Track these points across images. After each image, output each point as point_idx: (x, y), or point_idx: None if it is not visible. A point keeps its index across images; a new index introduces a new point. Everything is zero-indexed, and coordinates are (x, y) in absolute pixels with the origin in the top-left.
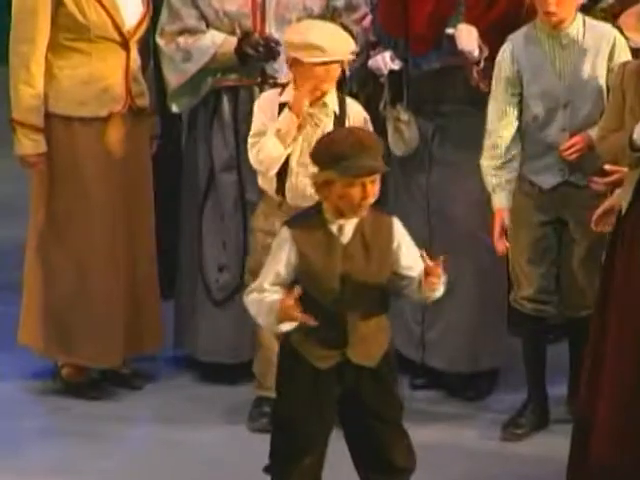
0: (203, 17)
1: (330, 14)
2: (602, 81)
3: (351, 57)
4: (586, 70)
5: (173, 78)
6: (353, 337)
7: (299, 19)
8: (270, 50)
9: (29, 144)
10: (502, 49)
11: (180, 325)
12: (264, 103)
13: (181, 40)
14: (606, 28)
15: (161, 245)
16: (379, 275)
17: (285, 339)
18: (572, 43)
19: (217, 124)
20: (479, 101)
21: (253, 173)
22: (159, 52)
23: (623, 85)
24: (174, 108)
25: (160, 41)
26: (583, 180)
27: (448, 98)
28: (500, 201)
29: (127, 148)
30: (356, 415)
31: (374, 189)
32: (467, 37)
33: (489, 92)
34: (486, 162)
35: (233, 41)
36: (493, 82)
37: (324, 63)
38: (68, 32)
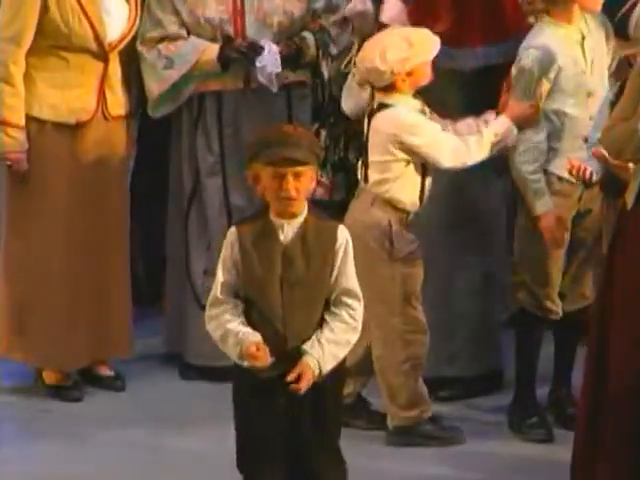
0: (184, 24)
1: (310, 16)
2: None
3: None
4: (602, 57)
5: (155, 86)
6: (293, 345)
7: (280, 23)
8: (254, 51)
9: (9, 141)
10: (529, 56)
11: (168, 328)
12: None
13: (162, 47)
14: (601, 16)
15: (149, 249)
16: (319, 283)
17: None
18: (589, 33)
19: (201, 129)
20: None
21: (238, 178)
22: (140, 59)
23: None
24: (154, 114)
25: (141, 48)
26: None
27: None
28: (547, 203)
29: (97, 155)
30: (294, 434)
31: (298, 183)
32: None
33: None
34: (524, 167)
35: (215, 48)
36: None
37: None
38: (49, 38)
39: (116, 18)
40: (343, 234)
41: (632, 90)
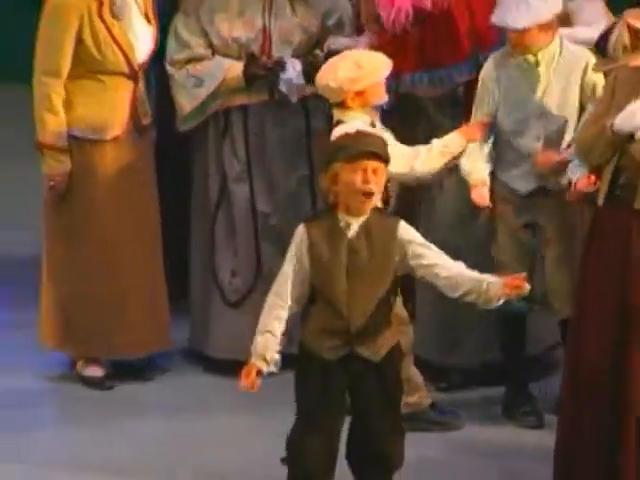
0: (211, 45)
1: (324, 32)
2: (575, 96)
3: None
4: (560, 85)
5: (187, 103)
6: (358, 329)
7: (300, 40)
8: (279, 67)
9: (55, 164)
10: (485, 66)
11: (193, 324)
12: None
13: (190, 67)
14: (583, 50)
15: (172, 250)
16: (382, 270)
17: (301, 337)
18: (547, 61)
19: (228, 139)
20: None
21: (263, 184)
22: (170, 79)
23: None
24: (182, 128)
25: (170, 69)
26: (556, 186)
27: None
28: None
29: (130, 163)
30: (358, 408)
31: (376, 178)
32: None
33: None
34: (463, 160)
35: (239, 65)
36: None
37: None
38: (84, 65)
39: (143, 40)
40: (403, 225)
41: (605, 95)
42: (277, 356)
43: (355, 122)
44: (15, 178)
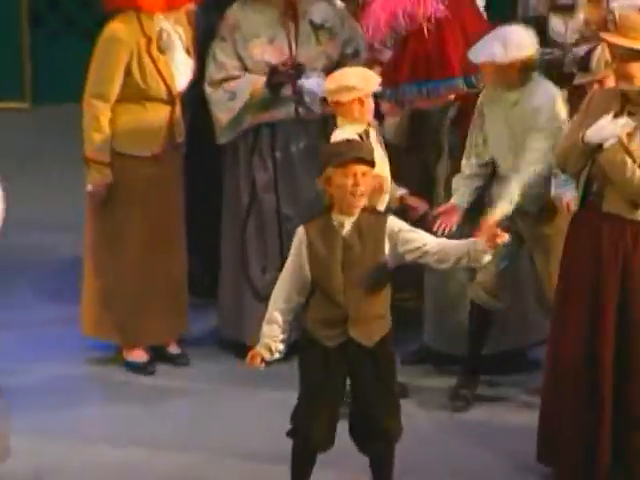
0: (244, 67)
1: (343, 59)
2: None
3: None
4: (529, 122)
5: (223, 116)
6: (353, 317)
7: (323, 65)
8: (298, 71)
9: (98, 176)
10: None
11: (223, 315)
12: None
13: (225, 85)
14: (550, 89)
15: (203, 250)
16: (373, 261)
17: (303, 326)
18: (519, 100)
19: (257, 153)
20: None
21: (289, 193)
22: (208, 97)
23: (591, 101)
24: (221, 141)
25: (208, 89)
26: (529, 207)
27: None
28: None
29: (165, 178)
30: (357, 389)
31: (365, 180)
32: None
33: None
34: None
35: (263, 78)
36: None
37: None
38: (130, 91)
39: (183, 72)
40: (391, 219)
41: (580, 113)
42: (281, 346)
43: (344, 130)
44: (63, 185)
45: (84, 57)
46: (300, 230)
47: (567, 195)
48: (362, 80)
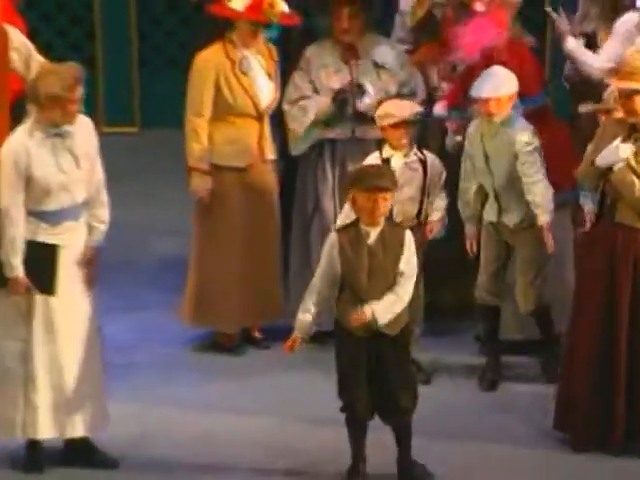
0: (316, 91)
1: (399, 97)
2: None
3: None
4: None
5: (298, 128)
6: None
7: (380, 99)
8: (359, 90)
9: (200, 182)
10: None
11: (293, 304)
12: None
13: (299, 103)
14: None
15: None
16: (393, 268)
17: (336, 318)
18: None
19: (320, 167)
20: None
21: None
22: (286, 114)
23: (604, 130)
24: (294, 152)
25: (286, 106)
26: (511, 221)
27: None
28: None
29: (258, 187)
30: (379, 370)
31: (385, 204)
32: None
33: None
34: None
35: (330, 97)
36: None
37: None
38: (222, 108)
39: (265, 92)
40: (409, 235)
41: (595, 140)
42: (313, 329)
43: (371, 157)
44: (168, 197)
45: (182, 89)
46: (333, 235)
47: (587, 207)
48: (398, 108)
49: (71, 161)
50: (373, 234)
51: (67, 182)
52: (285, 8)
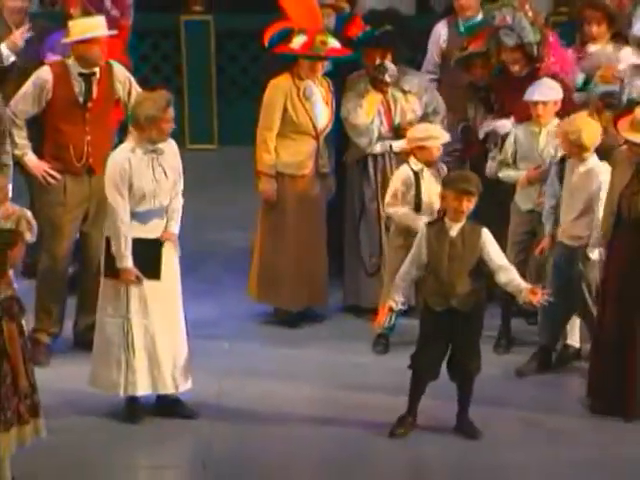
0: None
1: (424, 115)
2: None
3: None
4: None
5: (361, 122)
6: (455, 292)
7: (410, 119)
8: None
9: (267, 185)
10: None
11: (347, 288)
12: (401, 174)
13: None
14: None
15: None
16: (471, 257)
17: (422, 296)
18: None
19: (365, 175)
20: None
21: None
22: (347, 124)
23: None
24: (349, 161)
25: (347, 117)
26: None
27: None
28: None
29: (311, 194)
30: (454, 341)
31: (468, 205)
32: None
33: None
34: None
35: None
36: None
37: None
38: (287, 126)
39: (322, 116)
40: (485, 231)
41: (611, 186)
42: (403, 299)
43: (403, 167)
44: (239, 200)
45: (252, 114)
46: (423, 227)
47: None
48: (438, 131)
49: (161, 173)
50: (455, 228)
51: (157, 190)
52: (336, 44)
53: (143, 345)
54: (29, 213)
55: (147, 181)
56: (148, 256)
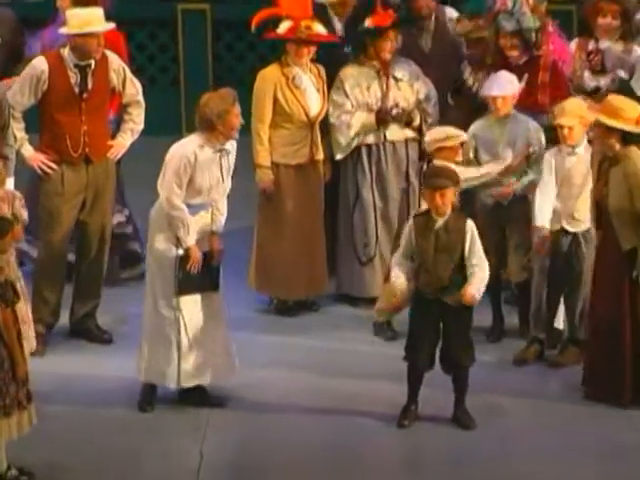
0: (352, 104)
1: (418, 102)
2: None
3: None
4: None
5: (343, 140)
6: (443, 284)
7: (404, 106)
8: (397, 108)
9: (264, 176)
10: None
11: (339, 277)
12: None
13: (342, 117)
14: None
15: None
16: (454, 249)
17: (415, 285)
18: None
19: (359, 166)
20: None
21: (380, 192)
22: (331, 126)
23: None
24: (338, 157)
25: (331, 119)
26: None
27: None
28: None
29: (309, 183)
30: (444, 330)
31: (442, 199)
32: None
33: None
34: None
35: (372, 115)
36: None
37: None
38: (279, 116)
39: (314, 104)
40: (469, 223)
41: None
42: (405, 284)
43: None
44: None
45: (249, 103)
46: (411, 221)
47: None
48: (457, 131)
49: (223, 172)
50: (440, 221)
51: (212, 187)
52: (321, 30)
53: (192, 339)
54: (17, 192)
55: (209, 179)
56: (204, 272)
